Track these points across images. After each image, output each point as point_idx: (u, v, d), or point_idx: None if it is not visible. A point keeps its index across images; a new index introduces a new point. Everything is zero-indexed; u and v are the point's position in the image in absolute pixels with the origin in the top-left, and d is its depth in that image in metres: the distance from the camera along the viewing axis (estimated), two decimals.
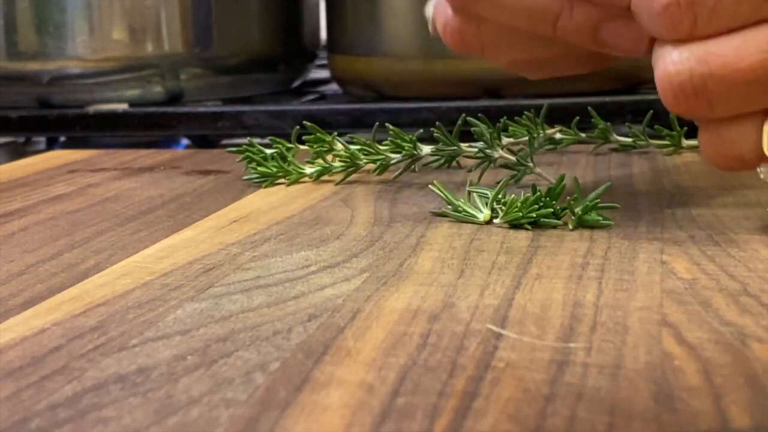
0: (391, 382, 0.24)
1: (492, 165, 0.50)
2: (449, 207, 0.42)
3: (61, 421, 0.23)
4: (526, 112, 0.55)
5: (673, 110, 0.35)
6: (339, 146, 0.53)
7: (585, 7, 0.38)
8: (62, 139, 0.89)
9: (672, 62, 0.34)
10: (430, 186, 0.44)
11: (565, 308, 0.30)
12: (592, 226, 0.39)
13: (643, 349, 0.26)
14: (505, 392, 0.24)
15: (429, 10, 0.43)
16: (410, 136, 0.52)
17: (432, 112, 0.76)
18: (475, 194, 0.42)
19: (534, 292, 0.31)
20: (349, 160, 0.52)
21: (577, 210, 0.39)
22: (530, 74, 0.45)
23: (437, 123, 0.52)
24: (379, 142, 0.53)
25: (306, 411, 0.23)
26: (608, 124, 0.58)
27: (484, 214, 0.41)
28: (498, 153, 0.50)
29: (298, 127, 0.55)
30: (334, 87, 0.93)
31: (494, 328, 0.28)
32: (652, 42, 0.37)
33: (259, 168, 0.52)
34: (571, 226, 0.39)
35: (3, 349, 0.28)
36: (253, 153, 0.54)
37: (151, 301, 0.32)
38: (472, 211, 0.41)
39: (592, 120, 0.57)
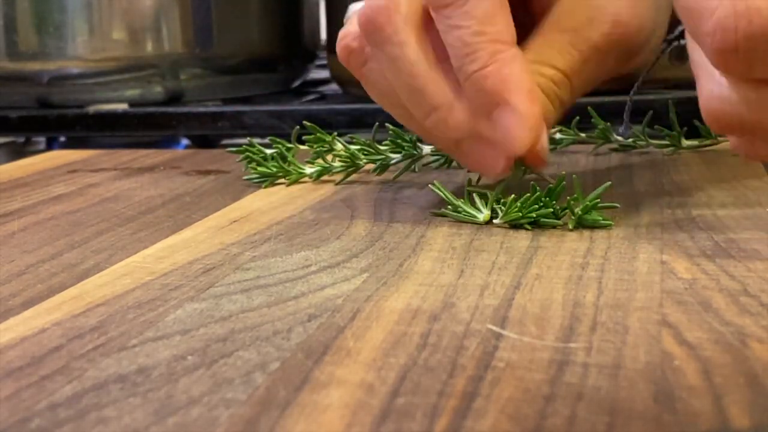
0: (391, 382, 0.24)
1: None
2: (449, 207, 0.42)
3: (61, 421, 0.23)
4: None
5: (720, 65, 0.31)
6: (339, 146, 0.53)
7: (465, 112, 0.39)
8: (62, 139, 0.89)
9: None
10: (430, 186, 0.44)
11: (565, 308, 0.30)
12: (592, 226, 0.39)
13: (643, 349, 0.26)
14: (505, 392, 0.24)
15: (350, 11, 0.44)
16: (410, 136, 0.52)
17: None
18: (475, 194, 0.42)
19: (534, 292, 0.31)
20: (349, 160, 0.52)
21: (577, 210, 0.39)
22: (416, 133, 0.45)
23: None
24: (379, 142, 0.53)
25: (306, 411, 0.23)
26: (608, 124, 0.58)
27: (484, 214, 0.41)
28: None
29: (298, 127, 0.55)
30: (334, 87, 0.93)
31: (494, 328, 0.28)
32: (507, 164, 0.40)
33: (259, 168, 0.52)
34: (571, 226, 0.39)
35: (3, 349, 0.28)
36: (253, 153, 0.54)
37: (151, 301, 0.32)
38: (472, 211, 0.41)
39: (592, 120, 0.57)
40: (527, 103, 0.38)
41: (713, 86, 0.34)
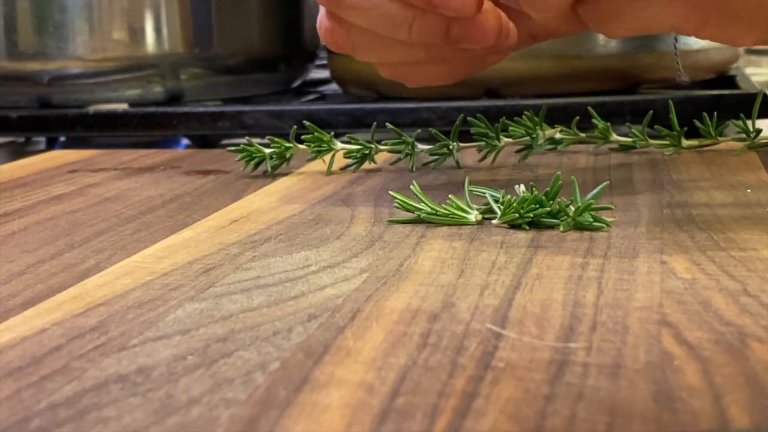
0: (391, 382, 0.24)
1: (494, 156, 0.50)
2: (422, 208, 0.42)
3: (61, 421, 0.23)
4: (525, 112, 0.55)
5: None
6: (339, 145, 0.54)
7: (434, 14, 0.44)
8: (62, 139, 0.89)
9: None
10: (410, 187, 0.44)
11: (565, 308, 0.30)
12: (586, 229, 0.39)
13: (643, 349, 0.26)
14: (505, 392, 0.24)
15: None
16: (409, 137, 0.52)
17: (432, 112, 0.76)
18: (453, 197, 0.42)
19: (534, 292, 0.31)
20: (358, 150, 0.52)
21: (571, 212, 0.39)
22: (405, 80, 0.50)
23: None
24: (379, 142, 0.53)
25: (306, 411, 0.23)
26: (608, 124, 0.58)
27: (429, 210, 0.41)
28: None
29: (294, 126, 0.55)
30: (334, 87, 0.93)
31: (494, 328, 0.28)
32: (499, 35, 0.44)
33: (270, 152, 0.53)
34: (562, 229, 0.39)
35: (3, 349, 0.28)
36: (253, 151, 0.54)
37: (151, 301, 0.32)
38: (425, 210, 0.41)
39: (592, 120, 0.57)
40: None
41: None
